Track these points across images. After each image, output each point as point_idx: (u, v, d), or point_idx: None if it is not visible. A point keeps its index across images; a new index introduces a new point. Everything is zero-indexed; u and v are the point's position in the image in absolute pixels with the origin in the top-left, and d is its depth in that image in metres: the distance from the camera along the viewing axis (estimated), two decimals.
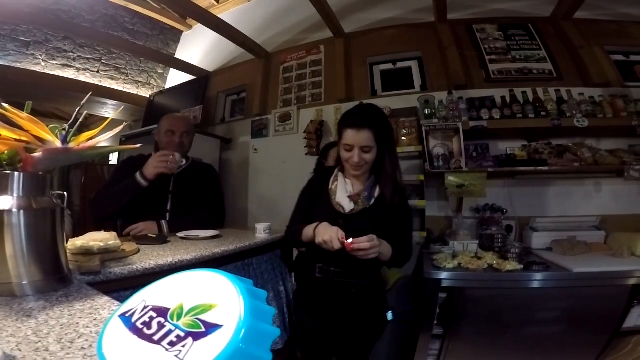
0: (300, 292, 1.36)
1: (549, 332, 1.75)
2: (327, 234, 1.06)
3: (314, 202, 1.28)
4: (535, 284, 1.66)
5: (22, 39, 3.01)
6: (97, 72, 3.44)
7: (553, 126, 1.97)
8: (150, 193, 1.54)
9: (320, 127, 2.67)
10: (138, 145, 1.01)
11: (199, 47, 3.70)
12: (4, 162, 0.54)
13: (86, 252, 0.88)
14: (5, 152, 0.53)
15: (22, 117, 0.52)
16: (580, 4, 2.44)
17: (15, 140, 0.52)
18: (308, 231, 1.16)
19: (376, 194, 1.22)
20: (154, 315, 0.34)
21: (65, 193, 0.63)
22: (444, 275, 1.73)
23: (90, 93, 0.69)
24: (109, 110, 3.70)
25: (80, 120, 0.60)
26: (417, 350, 1.86)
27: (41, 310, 0.56)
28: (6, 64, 2.94)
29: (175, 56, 3.79)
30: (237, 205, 2.86)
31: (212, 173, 1.90)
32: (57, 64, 3.22)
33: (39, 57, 3.11)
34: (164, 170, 1.48)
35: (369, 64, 2.96)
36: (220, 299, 0.33)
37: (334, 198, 1.23)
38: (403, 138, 2.34)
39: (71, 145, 0.57)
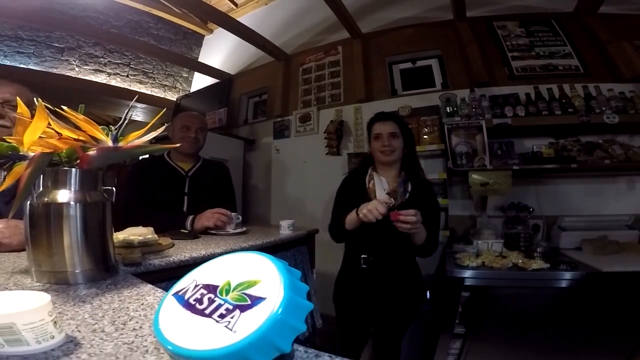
0: (343, 281, 1.50)
1: (575, 334, 1.70)
2: (368, 206, 1.18)
3: (353, 200, 1.36)
4: (563, 284, 1.62)
5: (57, 45, 3.19)
6: (127, 76, 3.60)
7: (581, 122, 1.91)
8: (167, 195, 1.60)
9: (340, 127, 2.69)
10: (178, 145, 1.14)
11: (220, 51, 3.81)
12: (64, 160, 0.60)
13: (128, 246, 0.94)
14: (64, 150, 0.59)
15: (79, 118, 0.58)
16: (602, 1, 2.36)
17: (74, 139, 0.57)
18: (351, 218, 1.29)
19: (409, 188, 1.37)
20: (205, 292, 0.38)
21: (114, 188, 0.69)
22: (467, 274, 1.71)
23: (137, 96, 0.74)
24: (138, 113, 3.87)
25: (127, 121, 0.65)
26: (438, 349, 1.84)
27: (94, 296, 0.61)
28: (43, 70, 3.13)
29: (199, 60, 3.91)
30: (261, 204, 2.93)
31: (224, 171, 1.92)
32: (89, 69, 3.39)
33: (73, 62, 3.29)
34: (211, 226, 1.45)
35: (388, 64, 2.96)
36: (263, 275, 0.36)
37: (373, 196, 1.36)
38: (425, 136, 2.33)
39: (120, 144, 0.62)
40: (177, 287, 0.42)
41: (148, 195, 1.57)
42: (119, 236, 0.95)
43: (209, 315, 0.35)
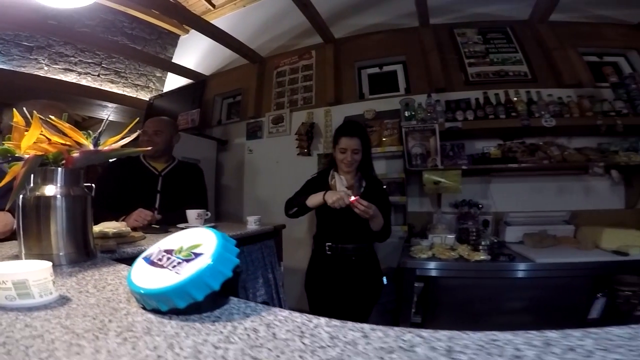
0: (312, 268, 1.76)
1: (518, 322, 1.91)
2: (337, 194, 1.47)
3: (317, 191, 1.61)
4: (501, 274, 1.87)
5: (25, 43, 3.23)
6: (98, 75, 3.66)
7: (522, 126, 2.19)
8: (139, 193, 1.76)
9: (311, 129, 2.89)
10: (149, 148, 1.29)
11: (196, 51, 3.92)
12: (51, 160, 0.76)
13: (103, 236, 1.10)
14: (52, 153, 0.75)
15: (65, 126, 0.74)
16: (553, 7, 2.63)
17: (62, 144, 0.74)
18: (316, 197, 1.56)
19: (363, 185, 1.67)
20: (165, 254, 0.57)
21: (93, 185, 0.85)
22: (418, 264, 1.95)
23: (109, 116, 0.90)
24: (109, 113, 3.93)
25: (103, 128, 0.82)
26: None
27: (78, 272, 0.78)
28: (11, 69, 3.16)
29: (173, 60, 4.02)
30: (233, 203, 3.09)
31: (197, 172, 2.08)
32: (59, 68, 3.44)
33: (42, 61, 3.34)
34: (135, 225, 1.54)
35: (358, 68, 3.19)
36: (205, 240, 0.56)
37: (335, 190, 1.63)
38: (385, 139, 2.56)
39: (100, 147, 0.78)
40: (145, 253, 0.61)
41: (119, 194, 1.72)
42: (95, 229, 1.11)
43: (166, 267, 0.54)
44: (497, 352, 0.33)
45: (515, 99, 2.35)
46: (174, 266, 0.54)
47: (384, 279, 1.85)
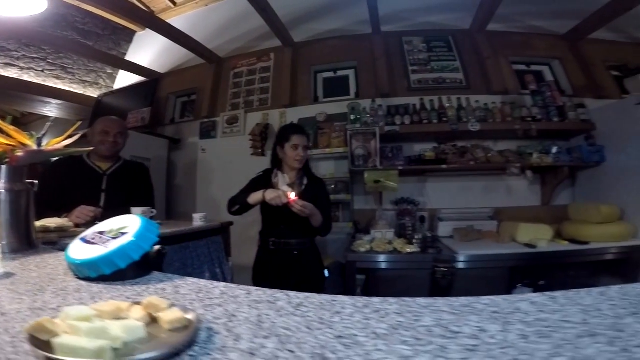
0: (258, 263, 1.90)
1: None
2: (275, 193, 1.63)
3: (260, 189, 1.74)
4: (429, 265, 2.08)
5: None
6: (42, 71, 3.60)
7: (452, 130, 2.50)
8: (83, 192, 1.81)
9: (265, 130, 3.05)
10: (91, 148, 1.40)
11: (152, 48, 3.94)
12: None
13: (45, 230, 1.22)
14: None
15: (10, 128, 0.88)
16: (490, 18, 2.95)
17: (7, 144, 0.87)
18: (257, 195, 1.69)
19: (305, 182, 1.84)
20: (98, 234, 0.74)
21: (36, 181, 0.99)
22: (357, 257, 2.18)
23: (52, 120, 1.03)
24: (53, 109, 3.87)
25: (46, 131, 0.96)
26: None
27: (22, 257, 0.91)
28: None
29: (128, 56, 4.02)
30: (186, 203, 3.18)
31: (143, 171, 2.16)
32: None
33: None
34: (76, 222, 1.59)
35: (314, 72, 3.40)
36: (132, 224, 0.73)
37: (277, 188, 1.79)
38: (333, 140, 2.80)
39: (43, 147, 0.92)
40: (82, 235, 0.77)
41: (61, 193, 1.78)
42: (37, 223, 1.23)
43: (97, 244, 0.71)
44: (329, 307, 0.52)
45: (447, 105, 2.66)
46: (104, 243, 0.71)
47: (326, 272, 2.04)
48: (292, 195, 1.59)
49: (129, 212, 1.82)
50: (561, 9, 3.10)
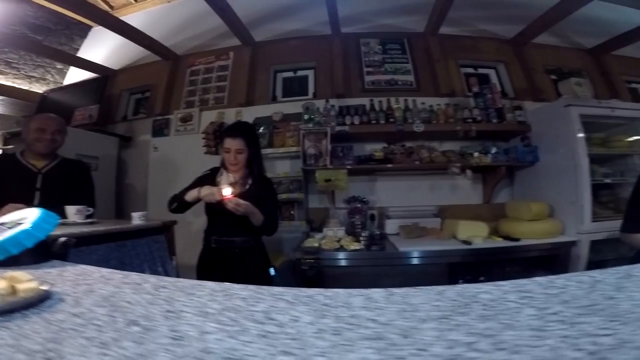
0: (200, 261, 1.91)
1: None
2: (209, 190, 1.67)
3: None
4: (372, 262, 2.21)
5: None
6: None
7: (397, 131, 2.63)
8: (15, 191, 1.78)
9: (219, 129, 3.09)
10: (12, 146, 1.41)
11: (108, 44, 3.88)
12: None
13: None
14: None
15: None
16: (442, 21, 3.10)
17: None
18: (193, 192, 1.73)
19: (249, 182, 1.84)
20: (1, 226, 0.79)
21: None
22: (305, 255, 2.27)
23: None
24: None
25: None
26: None
27: None
28: None
29: (81, 51, 3.94)
30: (137, 202, 3.16)
31: (82, 169, 2.15)
32: None
33: None
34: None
35: (273, 71, 3.46)
36: (30, 215, 0.79)
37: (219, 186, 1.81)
38: (288, 139, 2.88)
39: None
40: None
41: None
42: None
43: None
44: (188, 290, 0.58)
45: (395, 106, 2.79)
46: (2, 232, 0.77)
47: (272, 270, 2.02)
48: (227, 193, 1.62)
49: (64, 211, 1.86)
50: (509, 14, 3.30)
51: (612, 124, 2.48)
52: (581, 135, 2.23)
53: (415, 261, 2.19)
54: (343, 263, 2.26)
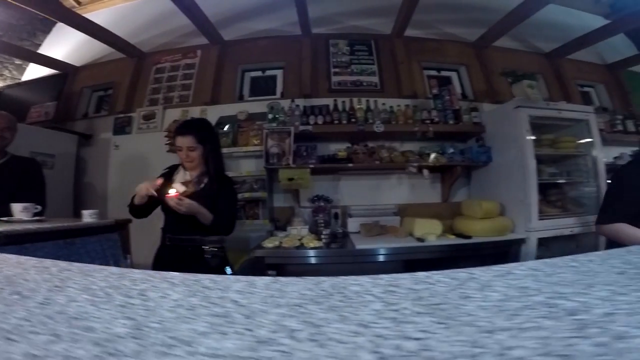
0: (156, 258, 1.91)
1: None
2: (141, 187, 1.68)
3: (161, 187, 1.77)
4: (330, 259, 2.25)
5: None
6: None
7: (358, 131, 2.71)
8: None
9: None
10: None
11: (72, 39, 3.80)
12: None
13: None
14: None
15: None
16: (407, 24, 3.19)
17: None
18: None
19: (205, 181, 1.85)
20: None
21: None
22: (265, 253, 2.30)
23: None
24: None
25: None
26: None
27: None
28: None
29: (43, 47, 3.86)
30: (97, 201, 3.13)
31: (33, 167, 2.14)
32: None
33: None
34: None
35: (242, 71, 3.48)
36: None
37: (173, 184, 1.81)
38: (252, 138, 2.92)
39: None
40: None
41: None
42: None
43: None
44: (94, 274, 0.64)
45: (358, 106, 2.86)
46: None
47: (228, 269, 1.99)
48: (171, 191, 1.63)
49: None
50: (473, 17, 3.43)
51: (561, 126, 2.62)
52: (529, 135, 2.35)
53: (371, 259, 2.25)
54: (302, 261, 2.31)
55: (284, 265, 2.36)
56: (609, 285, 0.39)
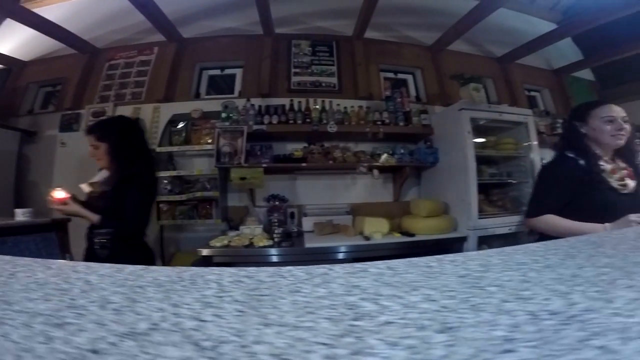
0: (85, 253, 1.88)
1: None
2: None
3: None
4: (279, 258, 2.28)
5: None
6: None
7: (312, 131, 2.77)
8: None
9: None
10: None
11: (22, 33, 3.68)
12: None
13: None
14: None
15: None
16: (366, 26, 3.26)
17: None
18: None
19: (115, 180, 1.78)
20: None
21: None
22: (211, 252, 2.31)
23: None
24: None
25: None
26: None
27: None
28: None
29: None
30: (39, 199, 3.04)
31: None
32: None
33: None
34: None
35: (200, 69, 3.48)
36: None
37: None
38: (205, 137, 2.94)
39: None
40: None
41: None
42: None
43: None
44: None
45: (315, 107, 2.90)
46: None
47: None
48: (58, 194, 1.69)
49: None
50: (430, 21, 3.56)
51: (503, 128, 2.79)
52: (470, 137, 2.47)
53: (319, 257, 2.30)
54: (250, 260, 2.33)
55: (232, 264, 2.38)
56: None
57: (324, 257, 2.33)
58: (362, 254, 2.33)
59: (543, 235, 1.50)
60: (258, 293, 0.45)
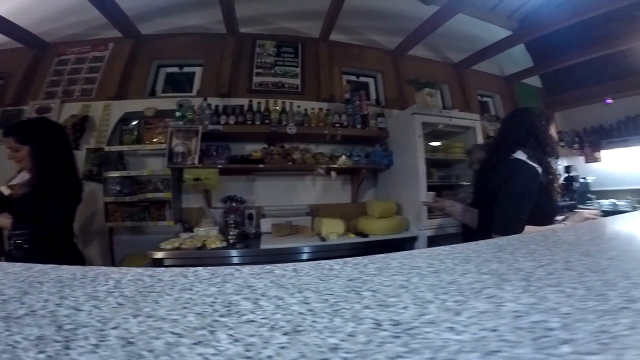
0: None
1: None
2: None
3: None
4: (233, 260, 2.29)
5: None
6: None
7: (271, 132, 2.79)
8: None
9: (81, 122, 2.97)
10: None
11: None
12: None
13: None
14: None
15: None
16: (332, 29, 3.32)
17: None
18: None
19: (30, 184, 1.74)
20: None
21: None
22: (162, 255, 2.30)
23: None
24: None
25: None
26: None
27: None
28: None
29: None
30: None
31: None
32: None
33: None
34: None
35: (157, 66, 3.41)
36: None
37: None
38: (157, 136, 2.89)
39: None
40: None
41: None
42: None
43: None
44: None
45: (275, 108, 2.92)
46: None
47: None
48: None
49: None
50: (395, 25, 3.67)
51: (453, 132, 2.94)
52: (421, 140, 2.59)
53: (274, 258, 2.32)
54: (202, 262, 2.32)
55: (184, 266, 2.35)
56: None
57: (279, 258, 2.35)
58: (317, 255, 2.37)
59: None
60: (149, 290, 0.49)
